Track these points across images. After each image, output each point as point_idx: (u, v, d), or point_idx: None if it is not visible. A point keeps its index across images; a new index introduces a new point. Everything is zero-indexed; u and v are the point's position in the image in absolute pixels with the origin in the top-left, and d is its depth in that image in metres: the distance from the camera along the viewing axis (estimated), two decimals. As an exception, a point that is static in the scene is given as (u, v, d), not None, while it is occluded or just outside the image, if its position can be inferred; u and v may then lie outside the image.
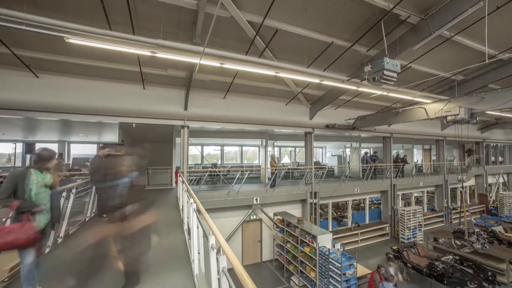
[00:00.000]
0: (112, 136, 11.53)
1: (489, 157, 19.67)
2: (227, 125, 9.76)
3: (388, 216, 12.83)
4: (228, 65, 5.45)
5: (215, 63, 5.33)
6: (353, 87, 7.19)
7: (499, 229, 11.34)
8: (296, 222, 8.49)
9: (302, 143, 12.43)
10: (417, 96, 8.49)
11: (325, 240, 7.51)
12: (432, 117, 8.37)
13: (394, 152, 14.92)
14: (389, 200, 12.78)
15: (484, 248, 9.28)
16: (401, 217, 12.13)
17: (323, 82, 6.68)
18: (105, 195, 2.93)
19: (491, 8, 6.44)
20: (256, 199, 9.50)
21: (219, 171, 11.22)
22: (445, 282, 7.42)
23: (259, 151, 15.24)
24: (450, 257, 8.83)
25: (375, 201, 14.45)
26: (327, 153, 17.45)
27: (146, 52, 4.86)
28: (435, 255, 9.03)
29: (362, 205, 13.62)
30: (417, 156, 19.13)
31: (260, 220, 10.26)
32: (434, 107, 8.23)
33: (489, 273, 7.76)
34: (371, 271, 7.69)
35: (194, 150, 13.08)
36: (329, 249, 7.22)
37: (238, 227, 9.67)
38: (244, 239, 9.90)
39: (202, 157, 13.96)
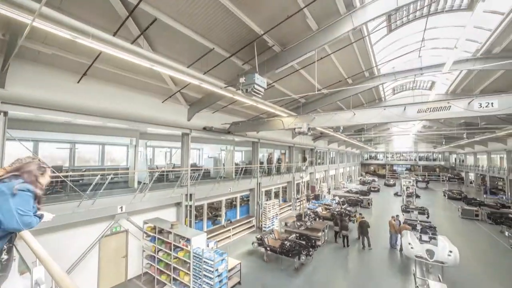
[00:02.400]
0: None
1: (317, 159, 27.86)
2: (81, 117, 7.66)
3: (254, 210, 14.96)
4: (84, 41, 4.32)
5: (64, 33, 4.06)
6: (229, 95, 7.86)
7: (319, 210, 16.24)
8: (169, 227, 8.01)
9: (179, 144, 12.00)
10: (278, 110, 10.58)
11: (199, 241, 7.59)
12: (287, 128, 10.75)
13: (260, 156, 17.73)
14: (255, 196, 14.95)
15: (311, 224, 12.95)
16: (264, 210, 14.53)
17: (202, 85, 6.81)
18: None
19: (320, 56, 9.17)
20: (121, 207, 8.07)
21: (67, 175, 8.52)
22: (290, 255, 9.63)
23: (127, 151, 13.14)
24: (294, 235, 11.58)
25: (244, 198, 16.44)
26: (204, 155, 17.91)
27: None
28: (285, 236, 11.52)
29: (234, 203, 15.05)
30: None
31: (126, 231, 8.80)
32: (288, 120, 10.60)
33: (313, 241, 10.91)
34: (239, 261, 8.65)
35: (21, 148, 9.17)
36: (203, 249, 7.37)
37: (94, 244, 7.78)
38: (102, 258, 8.09)
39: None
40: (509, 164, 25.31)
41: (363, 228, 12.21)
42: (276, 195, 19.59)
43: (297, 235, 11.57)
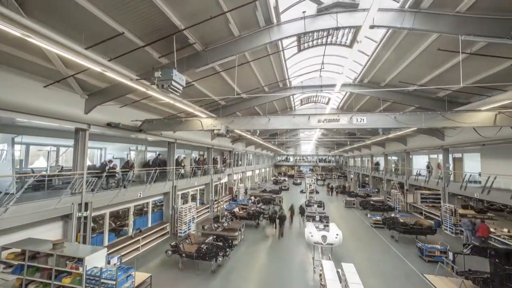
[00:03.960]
0: None
1: (236, 162, 28.82)
2: None
3: (169, 216, 13.86)
4: None
5: None
6: (142, 89, 7.02)
7: (236, 210, 16.80)
8: (50, 248, 6.27)
9: (70, 142, 9.67)
10: (197, 110, 10.27)
11: (97, 260, 6.32)
12: (205, 129, 10.54)
13: (176, 156, 16.63)
14: (171, 200, 13.89)
15: (228, 224, 13.23)
16: (179, 214, 13.68)
17: (106, 73, 5.77)
18: None
19: (240, 62, 9.57)
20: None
21: None
22: (207, 258, 9.47)
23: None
24: (211, 237, 11.46)
25: (158, 203, 14.98)
26: (107, 156, 15.20)
27: None
28: (202, 239, 11.24)
29: (145, 209, 13.46)
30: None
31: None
32: (207, 121, 10.45)
33: (230, 241, 11.17)
34: (149, 275, 7.75)
35: None
36: (101, 268, 6.17)
37: None
38: None
39: None
40: (371, 165, 34.31)
41: (281, 220, 14.04)
42: (194, 198, 18.91)
43: (214, 237, 11.54)
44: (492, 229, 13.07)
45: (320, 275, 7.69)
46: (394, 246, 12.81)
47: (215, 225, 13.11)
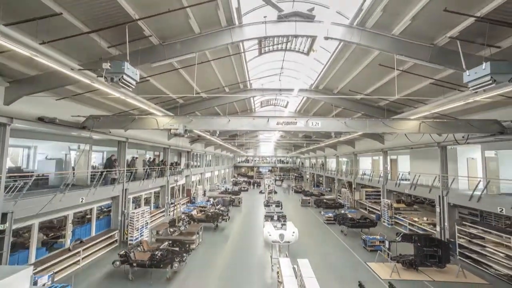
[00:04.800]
0: None
1: (194, 162, 27.83)
2: None
3: (118, 222, 12.54)
4: None
5: None
6: (86, 80, 6.23)
7: (194, 212, 16.21)
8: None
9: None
10: (152, 108, 9.59)
11: (16, 283, 5.28)
12: (161, 128, 9.91)
13: (129, 157, 15.24)
14: (120, 205, 12.60)
15: (186, 228, 12.69)
16: (130, 220, 12.53)
17: (38, 59, 4.95)
18: None
19: (200, 60, 9.31)
20: None
21: None
22: (161, 265, 8.87)
23: None
24: (166, 243, 10.80)
25: (105, 209, 13.47)
26: (38, 156, 13.02)
27: None
28: (157, 246, 10.50)
29: (89, 216, 11.95)
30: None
31: None
32: (163, 120, 9.84)
33: (187, 245, 10.71)
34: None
35: None
36: (26, 289, 5.21)
37: None
38: None
39: None
40: (324, 165, 37.16)
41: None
42: (147, 202, 17.57)
43: (170, 242, 10.91)
44: (415, 219, 15.48)
45: (278, 272, 7.95)
46: (343, 240, 14.04)
47: (171, 230, 12.42)
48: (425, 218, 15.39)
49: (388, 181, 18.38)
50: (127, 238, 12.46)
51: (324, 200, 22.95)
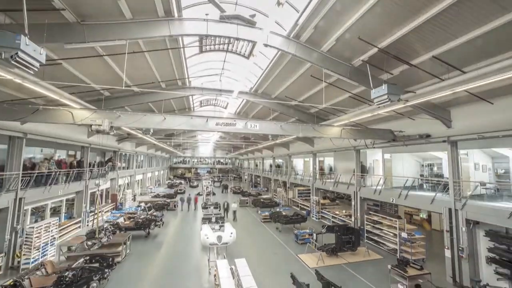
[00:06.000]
0: None
1: (121, 163, 24.52)
2: None
3: (5, 242, 9.70)
4: None
5: None
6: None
7: (121, 220, 14.30)
8: None
9: None
10: (65, 98, 7.96)
11: None
12: (79, 123, 8.31)
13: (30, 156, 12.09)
14: (9, 220, 9.79)
15: (109, 239, 11.04)
16: (27, 237, 9.97)
17: None
18: None
19: (132, 49, 8.35)
20: None
21: None
22: (73, 286, 7.40)
23: None
24: (81, 260, 9.11)
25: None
26: None
27: None
28: (67, 265, 8.71)
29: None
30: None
31: None
32: (82, 113, 8.29)
33: (110, 259, 9.32)
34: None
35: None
36: None
37: None
38: None
39: None
40: (262, 166, 38.99)
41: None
42: (57, 212, 14.44)
43: (87, 258, 9.25)
44: (337, 212, 18.00)
45: (215, 275, 7.80)
46: (278, 236, 14.98)
47: (89, 243, 10.56)
48: (344, 211, 18.01)
49: (316, 180, 20.69)
50: (19, 262, 9.81)
51: (261, 200, 23.97)
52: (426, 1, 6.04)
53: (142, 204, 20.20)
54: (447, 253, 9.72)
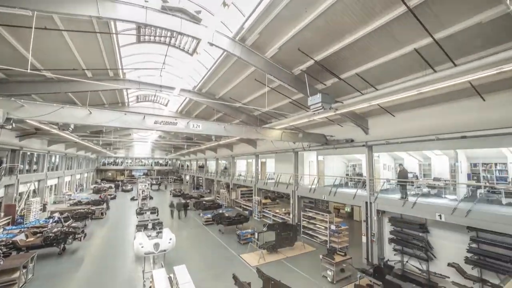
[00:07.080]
0: None
1: (24, 165, 19.72)
2: None
3: None
4: None
5: None
6: None
7: (21, 237, 11.39)
8: None
9: None
10: None
11: None
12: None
13: None
14: None
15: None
16: None
17: None
18: None
19: (43, 25, 6.89)
20: None
21: None
22: None
23: None
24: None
25: None
26: None
27: None
28: None
29: None
30: None
31: None
32: (-38, 100, 6.27)
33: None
34: None
35: None
36: None
37: None
38: None
39: None
40: (205, 167, 37.98)
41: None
42: None
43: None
44: (277, 210, 19.05)
45: (150, 287, 7.09)
46: (220, 238, 14.78)
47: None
48: (283, 209, 19.18)
49: (258, 181, 21.40)
50: None
51: (204, 202, 23.26)
52: (350, 27, 7.08)
53: (56, 215, 16.73)
54: (364, 239, 11.55)
